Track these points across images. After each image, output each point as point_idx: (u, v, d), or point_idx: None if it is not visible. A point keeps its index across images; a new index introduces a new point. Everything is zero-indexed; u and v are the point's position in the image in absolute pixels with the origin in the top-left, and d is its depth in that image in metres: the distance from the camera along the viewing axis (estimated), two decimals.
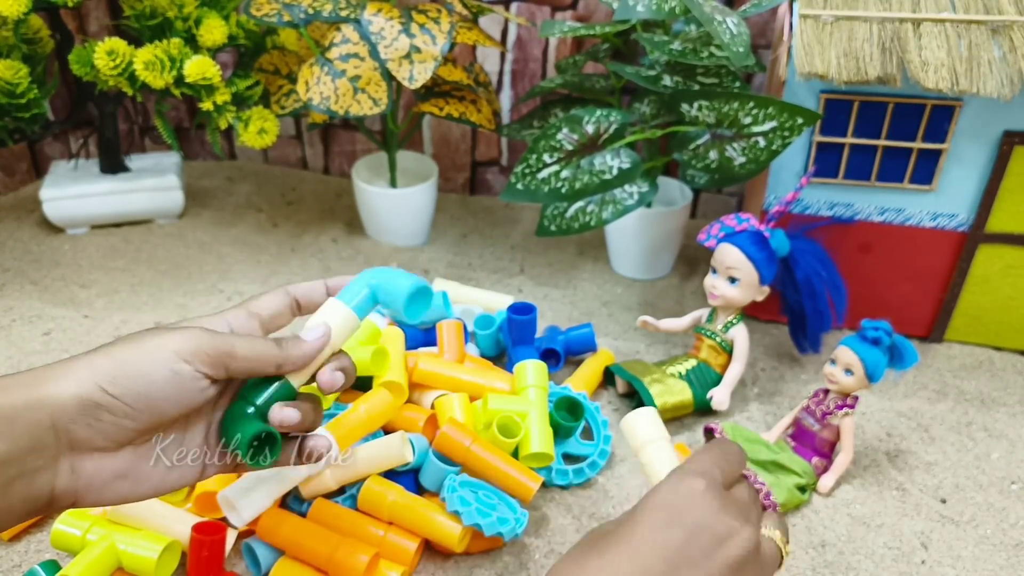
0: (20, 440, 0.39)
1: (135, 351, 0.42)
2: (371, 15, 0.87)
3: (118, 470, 0.43)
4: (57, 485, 0.41)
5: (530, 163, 0.84)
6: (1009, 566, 0.65)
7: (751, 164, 0.79)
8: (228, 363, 0.44)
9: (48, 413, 0.40)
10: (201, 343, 0.43)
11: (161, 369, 0.42)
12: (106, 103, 1.01)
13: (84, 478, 0.42)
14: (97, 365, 0.41)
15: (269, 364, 0.46)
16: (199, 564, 0.58)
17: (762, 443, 0.72)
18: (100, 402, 0.41)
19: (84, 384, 0.41)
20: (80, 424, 0.41)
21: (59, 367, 0.42)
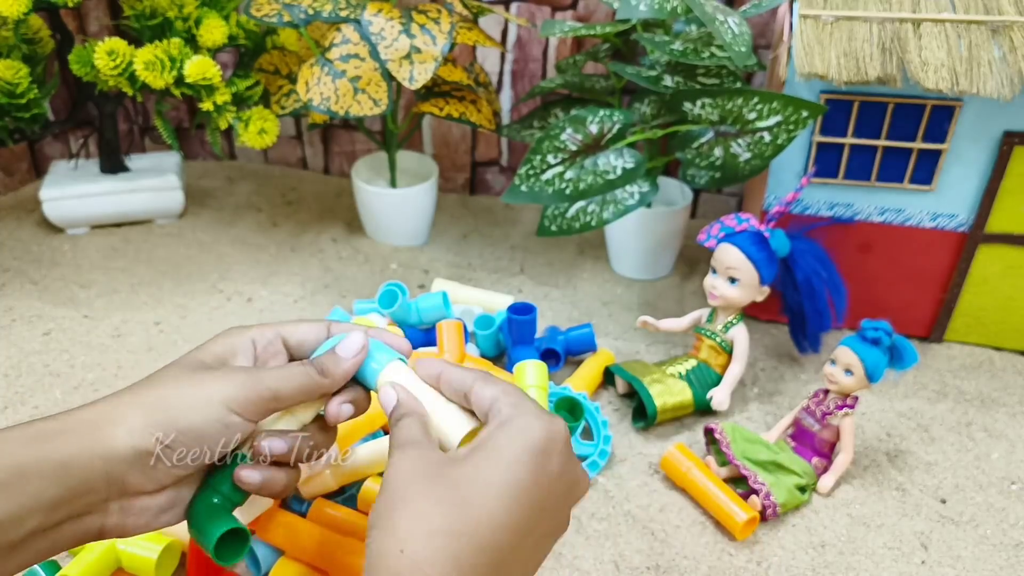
0: (74, 486, 0.39)
1: (186, 401, 0.42)
2: (371, 15, 0.87)
3: (163, 505, 0.44)
4: (106, 524, 0.42)
5: (534, 164, 0.84)
6: (1009, 566, 0.65)
7: (756, 160, 0.79)
8: (273, 405, 0.44)
9: (103, 462, 0.40)
10: (248, 393, 0.43)
11: (214, 423, 0.42)
12: (106, 103, 1.01)
13: (132, 515, 0.43)
14: (151, 415, 0.42)
15: (314, 393, 0.45)
16: (199, 564, 0.59)
17: (762, 443, 0.72)
18: (155, 453, 0.41)
19: (139, 435, 0.41)
20: (134, 473, 0.41)
21: (111, 410, 0.42)
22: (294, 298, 0.94)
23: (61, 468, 0.39)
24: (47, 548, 0.40)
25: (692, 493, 0.70)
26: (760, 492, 0.68)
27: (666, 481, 0.72)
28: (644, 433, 0.78)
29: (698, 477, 0.69)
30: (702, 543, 0.67)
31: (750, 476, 0.69)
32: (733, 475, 0.72)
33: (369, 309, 0.85)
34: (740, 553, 0.66)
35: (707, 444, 0.75)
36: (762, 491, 0.68)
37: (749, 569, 0.64)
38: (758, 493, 0.68)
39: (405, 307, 0.81)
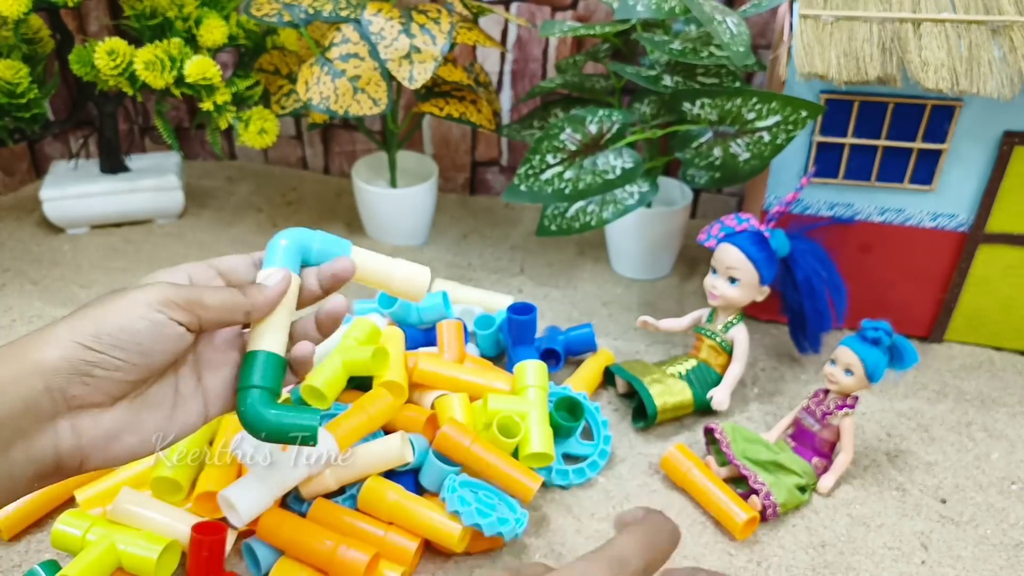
0: (10, 405, 0.40)
1: (109, 309, 0.44)
2: (371, 15, 0.87)
3: (118, 424, 0.44)
4: (60, 446, 0.42)
5: (533, 164, 0.84)
6: (1009, 566, 0.65)
7: (755, 160, 0.79)
8: (200, 313, 0.46)
9: (40, 378, 0.41)
10: (170, 294, 0.45)
11: (139, 320, 0.44)
12: (106, 103, 1.01)
13: (87, 436, 0.43)
14: (76, 327, 0.43)
15: (238, 312, 0.47)
16: (199, 564, 0.59)
17: (762, 443, 0.72)
18: (88, 359, 0.42)
19: (68, 346, 0.42)
20: (74, 382, 0.42)
21: (37, 336, 0.43)
22: None
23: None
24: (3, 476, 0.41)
25: (692, 493, 0.70)
26: (760, 492, 0.68)
27: (666, 481, 0.72)
28: (644, 433, 0.78)
29: (698, 477, 0.69)
30: (702, 543, 0.67)
31: (750, 476, 0.69)
32: (733, 475, 0.72)
33: (369, 309, 0.85)
34: (740, 553, 0.66)
35: (707, 444, 0.75)
36: (762, 491, 0.68)
37: (749, 569, 0.64)
38: (758, 493, 0.68)
39: (405, 307, 0.81)
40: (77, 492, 0.66)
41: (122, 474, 0.67)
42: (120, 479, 0.67)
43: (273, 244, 0.51)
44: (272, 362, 0.48)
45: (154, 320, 0.44)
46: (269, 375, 0.47)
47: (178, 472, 0.64)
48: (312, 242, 0.51)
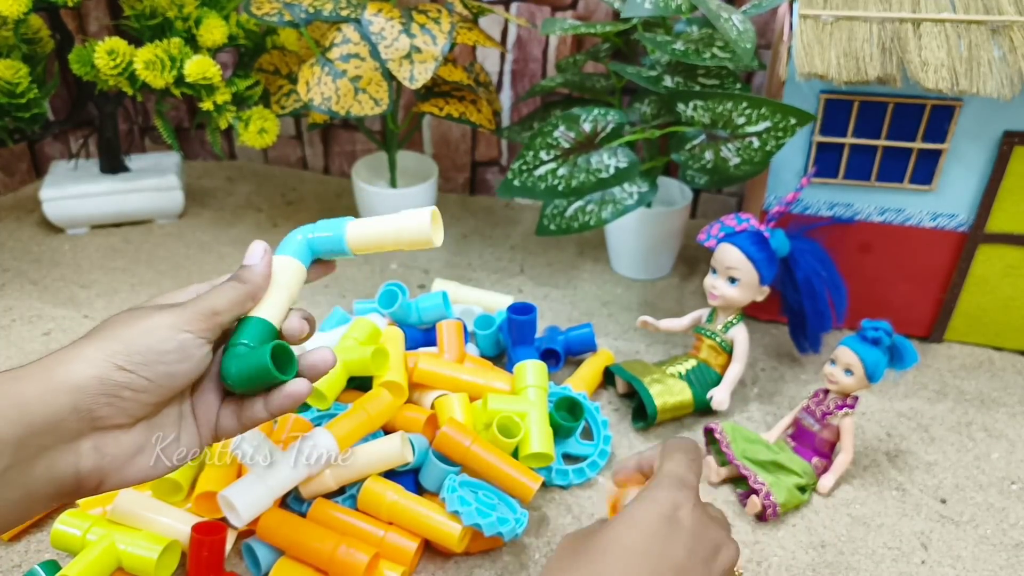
0: (36, 422, 0.41)
1: (138, 330, 0.45)
2: (371, 15, 0.87)
3: (136, 445, 0.45)
4: (81, 466, 0.43)
5: (527, 160, 0.84)
6: (1009, 566, 0.65)
7: (746, 165, 0.79)
8: (218, 320, 0.47)
9: (68, 396, 0.42)
10: (191, 313, 0.46)
11: (167, 341, 0.45)
12: (106, 103, 1.01)
13: (108, 456, 0.44)
14: (105, 347, 0.44)
15: (245, 299, 0.49)
16: (199, 564, 0.59)
17: (762, 443, 0.72)
18: (120, 380, 0.43)
19: (101, 365, 0.43)
20: (102, 403, 0.43)
21: (67, 353, 0.43)
22: None
23: (21, 406, 0.40)
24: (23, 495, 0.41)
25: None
26: (760, 492, 0.68)
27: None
28: (644, 433, 0.78)
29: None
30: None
31: (750, 476, 0.69)
32: (733, 475, 0.72)
33: (369, 309, 0.85)
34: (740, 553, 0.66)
35: (707, 444, 0.75)
36: (762, 491, 0.68)
37: (749, 569, 0.64)
38: (758, 493, 0.68)
39: (405, 307, 0.81)
40: None
41: None
42: None
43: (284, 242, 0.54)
44: (254, 324, 0.49)
45: (182, 341, 0.45)
46: (249, 334, 0.49)
47: (178, 472, 0.64)
48: (312, 231, 0.53)
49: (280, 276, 0.51)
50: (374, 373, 0.71)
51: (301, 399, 0.49)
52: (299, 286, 0.53)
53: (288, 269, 0.52)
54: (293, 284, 0.52)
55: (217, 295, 0.48)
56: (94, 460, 0.43)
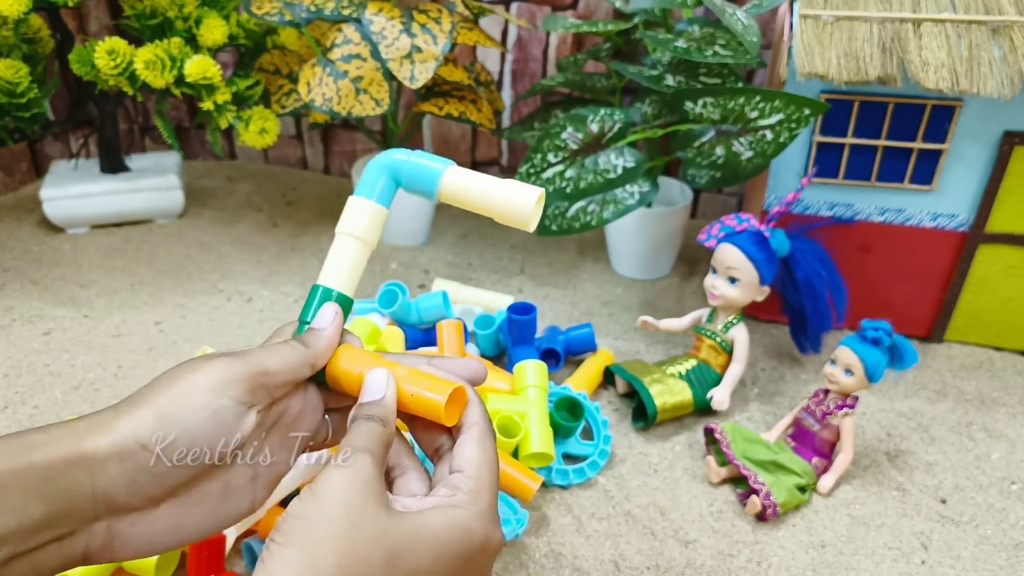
0: (57, 503, 0.36)
1: (172, 398, 0.39)
2: (372, 15, 0.87)
3: (157, 527, 0.40)
4: (91, 545, 0.38)
5: (534, 163, 0.84)
6: (1009, 566, 0.65)
7: (758, 158, 0.79)
8: (264, 382, 0.41)
9: (88, 475, 0.37)
10: (234, 370, 0.40)
11: (200, 411, 0.39)
12: (106, 103, 1.01)
13: (120, 537, 0.39)
14: (138, 419, 0.38)
15: (304, 368, 0.43)
16: (199, 564, 0.58)
17: (762, 443, 0.72)
18: (141, 462, 0.38)
19: (126, 442, 0.38)
20: (120, 486, 0.38)
21: (99, 420, 0.38)
22: (294, 298, 0.94)
23: (44, 479, 0.36)
24: (29, 570, 0.36)
25: None
26: (760, 492, 0.68)
27: (667, 480, 0.72)
28: (644, 433, 0.78)
29: None
30: (702, 543, 0.67)
31: (750, 476, 0.69)
32: (733, 475, 0.72)
33: (369, 309, 0.85)
34: (740, 553, 0.66)
35: (707, 444, 0.75)
36: (762, 491, 0.68)
37: (749, 569, 0.64)
38: (758, 493, 0.68)
39: (405, 307, 0.81)
40: None
41: None
42: None
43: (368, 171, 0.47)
44: (325, 297, 0.44)
45: (215, 409, 0.39)
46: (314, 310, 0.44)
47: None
48: (403, 167, 0.47)
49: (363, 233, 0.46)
50: None
51: None
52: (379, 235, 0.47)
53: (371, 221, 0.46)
54: (373, 239, 0.46)
55: (271, 354, 0.41)
56: (105, 541, 0.38)
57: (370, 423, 0.40)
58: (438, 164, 0.46)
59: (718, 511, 0.70)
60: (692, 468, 0.74)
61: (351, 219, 0.46)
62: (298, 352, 0.43)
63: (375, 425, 0.40)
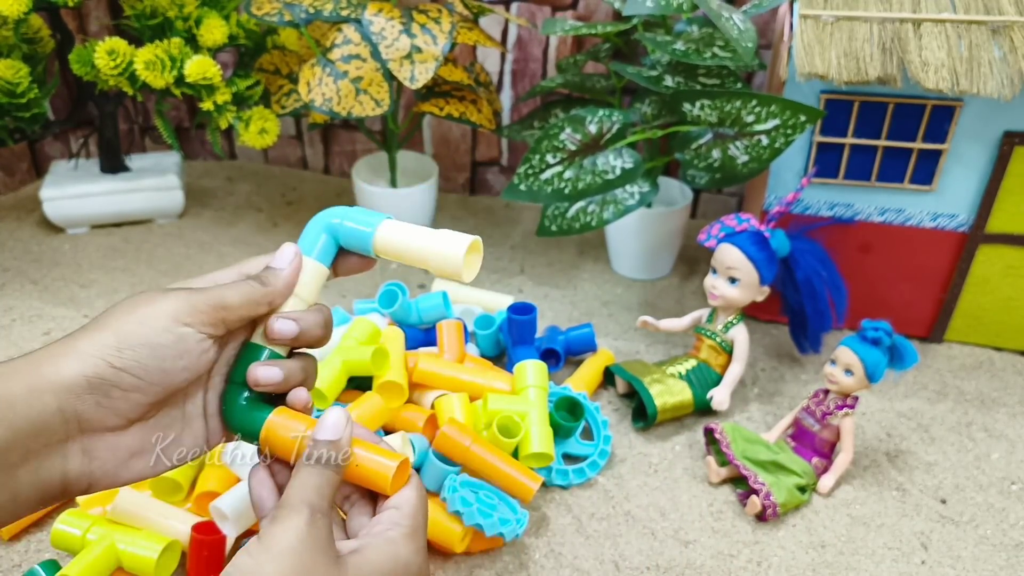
0: (20, 425, 0.38)
1: (134, 322, 0.41)
2: (372, 15, 0.87)
3: (131, 448, 0.42)
4: (69, 470, 0.40)
5: (533, 163, 0.84)
6: (1009, 566, 0.65)
7: (754, 163, 0.79)
8: (223, 316, 0.43)
9: (54, 395, 0.39)
10: (194, 302, 0.42)
11: (164, 335, 0.41)
12: (106, 103, 1.01)
13: (98, 460, 0.41)
14: (99, 340, 0.40)
15: (261, 304, 0.45)
16: (199, 564, 0.59)
17: (762, 443, 0.72)
18: (108, 378, 0.40)
19: (90, 361, 0.40)
20: (89, 404, 0.40)
21: (59, 347, 0.40)
22: None
23: (5, 408, 0.37)
24: (7, 499, 0.38)
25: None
26: (760, 492, 0.68)
27: (667, 480, 0.72)
28: (644, 433, 0.78)
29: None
30: (702, 543, 0.67)
31: (750, 476, 0.69)
32: (733, 475, 0.72)
33: (369, 309, 0.85)
34: (740, 553, 0.66)
35: (707, 444, 0.75)
36: (762, 491, 0.68)
37: (749, 569, 0.64)
38: (758, 493, 0.68)
39: (405, 307, 0.81)
40: None
41: None
42: None
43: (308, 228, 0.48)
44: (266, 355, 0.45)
45: (180, 335, 0.41)
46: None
47: (178, 472, 0.64)
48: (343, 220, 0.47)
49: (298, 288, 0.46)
50: (374, 373, 0.71)
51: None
52: (316, 292, 0.47)
53: (307, 277, 0.47)
54: (309, 293, 0.47)
55: (231, 289, 0.44)
56: (82, 465, 0.40)
57: (324, 473, 0.42)
58: (369, 225, 0.46)
59: (718, 511, 0.70)
60: (692, 468, 0.74)
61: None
62: (256, 290, 0.44)
63: (329, 474, 0.42)
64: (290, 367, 0.46)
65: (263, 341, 0.46)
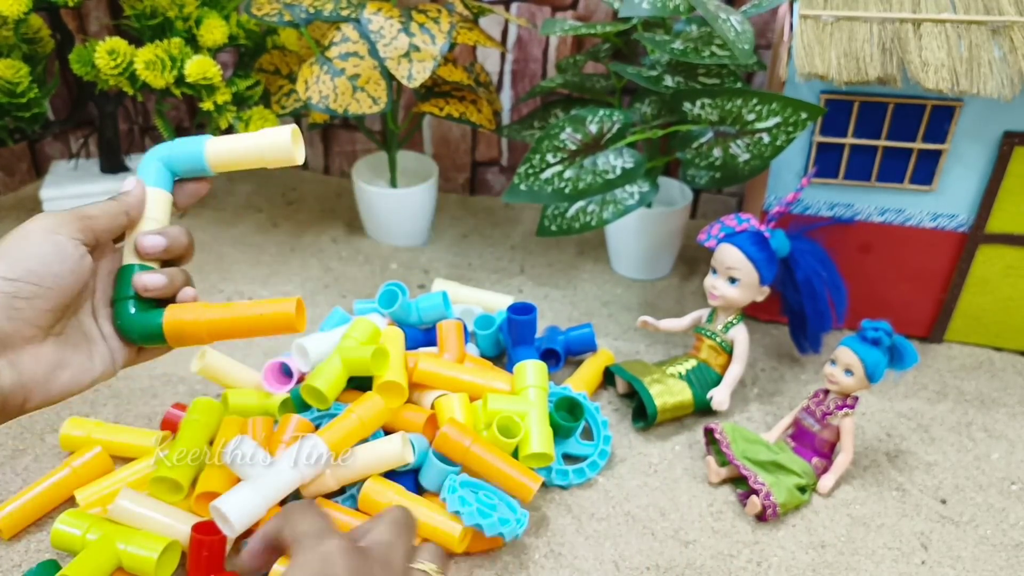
0: None
1: (13, 241, 0.48)
2: (371, 14, 0.87)
3: (52, 359, 0.49)
4: (2, 384, 0.45)
5: (533, 163, 0.84)
6: (1009, 566, 0.65)
7: (755, 160, 0.79)
8: (89, 224, 0.51)
9: None
10: (61, 217, 0.50)
11: (43, 244, 0.48)
12: (106, 103, 1.01)
13: (26, 372, 0.47)
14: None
15: (119, 215, 0.53)
16: (199, 564, 0.59)
17: (762, 443, 0.72)
18: (8, 290, 0.46)
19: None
20: (1, 318, 0.46)
21: None
22: None
23: None
24: None
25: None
26: (760, 492, 0.68)
27: (666, 481, 0.72)
28: (644, 433, 0.78)
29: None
30: (702, 543, 0.67)
31: (750, 476, 0.69)
32: (733, 475, 0.72)
33: (369, 309, 0.85)
34: (740, 553, 0.66)
35: (707, 444, 0.75)
36: (762, 491, 0.68)
37: (749, 569, 0.64)
38: (758, 493, 0.68)
39: (405, 307, 0.81)
40: (77, 492, 0.66)
41: (122, 474, 0.67)
42: (120, 479, 0.67)
43: (141, 166, 0.56)
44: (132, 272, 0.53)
45: (55, 242, 0.48)
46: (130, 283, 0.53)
47: (178, 472, 0.64)
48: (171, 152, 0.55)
49: (148, 211, 0.54)
50: (374, 373, 0.71)
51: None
52: (167, 215, 0.56)
53: (153, 202, 0.55)
54: (161, 215, 0.55)
55: (90, 205, 0.52)
56: (13, 377, 0.46)
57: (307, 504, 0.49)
58: (198, 143, 0.55)
59: (718, 511, 0.70)
60: (692, 468, 0.74)
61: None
62: (113, 203, 0.53)
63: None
64: (171, 272, 0.54)
65: (136, 260, 0.54)
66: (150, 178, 0.55)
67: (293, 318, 0.51)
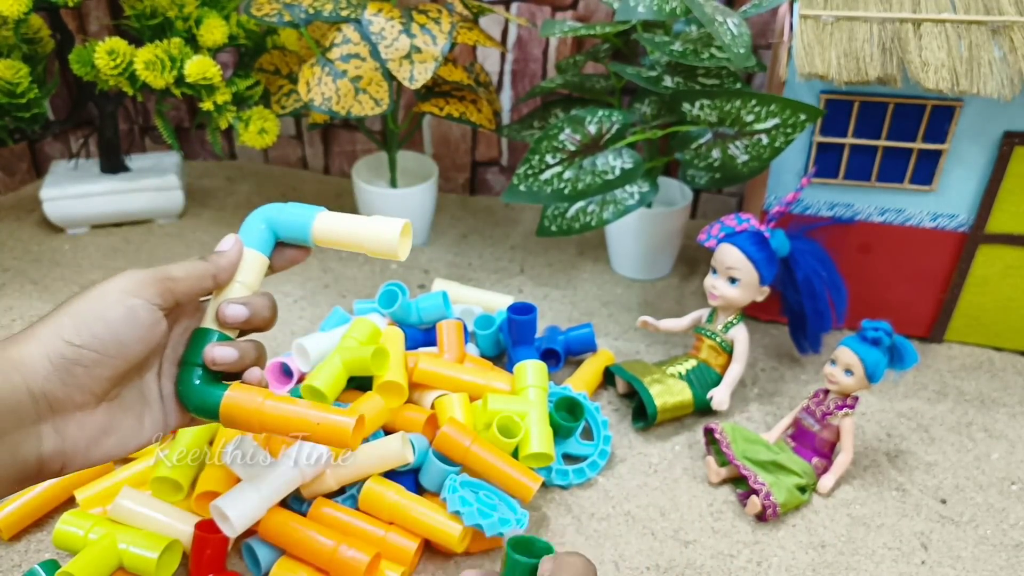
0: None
1: (87, 302, 0.44)
2: (371, 15, 0.87)
3: (100, 426, 0.45)
4: (43, 450, 0.43)
5: (532, 164, 0.84)
6: (1009, 566, 0.65)
7: (754, 162, 0.79)
8: (171, 287, 0.47)
9: (21, 377, 0.41)
10: (141, 276, 0.46)
11: (116, 308, 0.44)
12: (106, 103, 1.01)
13: (69, 439, 0.44)
14: (56, 323, 0.43)
15: (206, 277, 0.49)
16: (201, 563, 0.59)
17: (762, 443, 0.72)
18: (69, 355, 0.42)
19: (50, 342, 0.42)
20: (55, 383, 0.42)
21: (21, 335, 0.43)
22: (294, 298, 0.94)
23: None
24: None
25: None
26: (760, 492, 0.68)
27: (666, 481, 0.72)
28: (644, 433, 0.78)
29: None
30: (702, 543, 0.67)
31: (750, 476, 0.69)
32: (733, 475, 0.72)
33: (369, 309, 0.85)
34: (740, 553, 0.66)
35: (707, 444, 0.75)
36: (762, 491, 0.68)
37: (749, 569, 0.64)
38: (758, 493, 0.68)
39: (405, 307, 0.81)
40: (77, 492, 0.66)
41: (122, 474, 0.67)
42: (120, 479, 0.67)
43: (246, 223, 0.52)
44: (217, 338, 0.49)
45: (131, 306, 0.45)
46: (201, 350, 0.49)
47: (178, 472, 0.64)
48: (280, 215, 0.52)
49: (240, 274, 0.51)
50: (374, 373, 0.71)
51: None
52: (259, 280, 0.52)
53: (249, 265, 0.51)
54: (253, 279, 0.51)
55: (176, 265, 0.48)
56: (55, 444, 0.43)
57: None
58: (308, 215, 0.51)
59: (718, 511, 0.70)
60: (692, 468, 0.74)
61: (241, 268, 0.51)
62: (199, 265, 0.49)
63: None
64: (244, 347, 0.49)
65: (214, 325, 0.49)
66: (251, 238, 0.51)
67: (349, 436, 0.47)
